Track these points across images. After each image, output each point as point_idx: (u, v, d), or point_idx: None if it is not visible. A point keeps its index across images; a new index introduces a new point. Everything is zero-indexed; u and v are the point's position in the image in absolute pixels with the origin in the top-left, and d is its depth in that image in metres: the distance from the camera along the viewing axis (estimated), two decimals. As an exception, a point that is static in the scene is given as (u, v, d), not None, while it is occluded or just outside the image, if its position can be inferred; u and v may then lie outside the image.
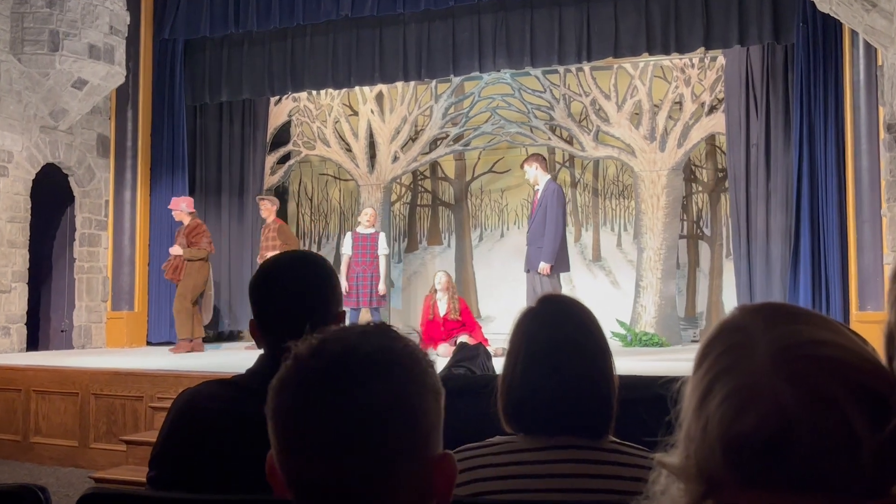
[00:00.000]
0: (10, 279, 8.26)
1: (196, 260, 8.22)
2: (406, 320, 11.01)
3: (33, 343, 8.80)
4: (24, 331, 8.46)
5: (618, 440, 1.60)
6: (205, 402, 1.66)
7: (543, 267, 6.66)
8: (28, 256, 8.48)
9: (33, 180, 8.54)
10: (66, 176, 9.08)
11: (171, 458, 1.65)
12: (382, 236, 8.44)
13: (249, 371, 1.71)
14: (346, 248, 8.38)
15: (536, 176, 7.20)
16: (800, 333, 0.72)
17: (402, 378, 0.89)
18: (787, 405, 0.68)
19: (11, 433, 6.63)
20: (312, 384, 0.88)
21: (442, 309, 7.86)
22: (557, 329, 1.61)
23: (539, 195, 7.15)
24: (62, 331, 9.21)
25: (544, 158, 7.63)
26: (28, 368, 6.78)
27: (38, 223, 8.72)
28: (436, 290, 7.95)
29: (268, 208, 8.82)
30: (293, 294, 1.67)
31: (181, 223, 8.47)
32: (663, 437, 0.83)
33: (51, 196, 8.94)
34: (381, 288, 8.15)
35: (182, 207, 8.40)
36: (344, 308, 1.79)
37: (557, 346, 1.59)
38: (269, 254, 8.19)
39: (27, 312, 8.51)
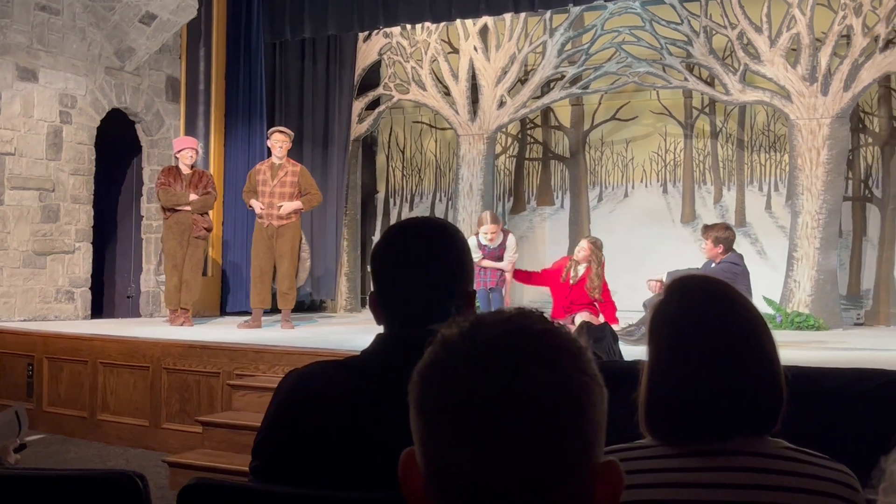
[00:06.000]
0: (73, 238, 8.68)
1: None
2: (511, 296, 11.03)
3: (97, 309, 9.25)
4: (89, 296, 8.89)
5: (792, 446, 1.58)
6: (316, 385, 1.71)
7: None
8: (92, 213, 8.88)
9: (97, 128, 8.91)
10: (133, 123, 9.43)
11: (279, 447, 1.70)
12: (511, 240, 8.00)
13: (366, 352, 1.74)
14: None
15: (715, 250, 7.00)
16: None
17: (569, 365, 0.90)
18: None
19: (78, 409, 7.01)
20: (468, 369, 0.88)
21: (576, 277, 7.75)
22: (706, 312, 1.59)
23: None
24: (128, 296, 9.65)
25: (724, 227, 7.12)
26: (95, 338, 7.13)
27: (102, 176, 9.11)
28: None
29: (287, 145, 8.24)
30: (422, 267, 1.69)
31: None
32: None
33: (116, 145, 9.32)
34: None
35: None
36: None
37: (710, 334, 1.57)
38: (280, 203, 8.05)
39: (91, 276, 8.94)
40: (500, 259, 7.92)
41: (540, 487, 0.87)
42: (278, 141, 8.17)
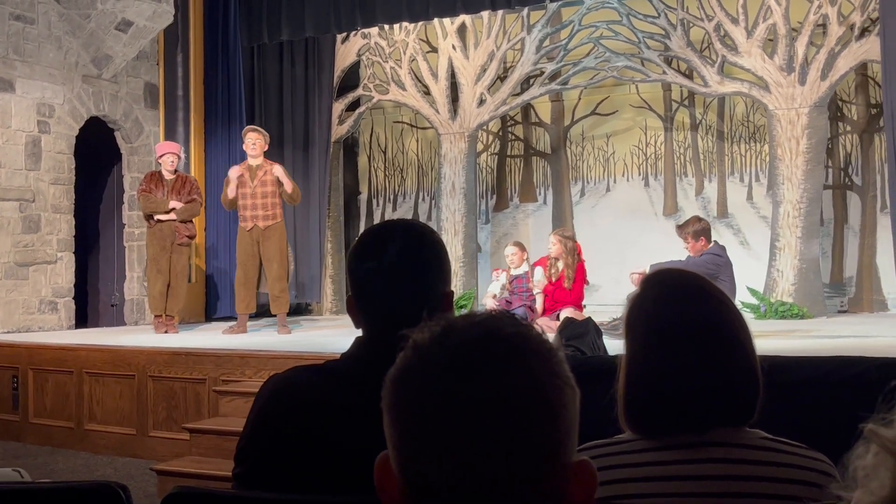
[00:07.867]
0: (55, 248, 8.64)
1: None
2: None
3: (82, 319, 9.21)
4: (73, 305, 8.85)
5: (769, 436, 1.59)
6: (297, 391, 1.71)
7: None
8: (74, 223, 8.84)
9: (76, 136, 8.87)
10: (112, 131, 9.39)
11: (261, 453, 1.71)
12: (539, 270, 7.71)
13: (345, 356, 1.76)
14: (495, 288, 7.71)
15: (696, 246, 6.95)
16: None
17: (540, 368, 0.90)
18: None
19: (64, 419, 6.99)
20: (440, 374, 0.89)
21: (556, 274, 7.74)
22: (681, 306, 1.61)
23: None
24: (112, 305, 9.61)
25: (696, 220, 7.13)
26: (80, 348, 7.10)
27: (83, 185, 9.07)
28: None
29: (262, 144, 8.00)
30: (399, 269, 1.70)
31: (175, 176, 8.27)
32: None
33: (95, 154, 9.28)
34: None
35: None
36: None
37: (685, 327, 1.58)
38: (263, 203, 7.87)
39: (74, 285, 8.90)
40: (529, 291, 7.70)
41: (513, 489, 0.88)
42: (252, 139, 7.94)
